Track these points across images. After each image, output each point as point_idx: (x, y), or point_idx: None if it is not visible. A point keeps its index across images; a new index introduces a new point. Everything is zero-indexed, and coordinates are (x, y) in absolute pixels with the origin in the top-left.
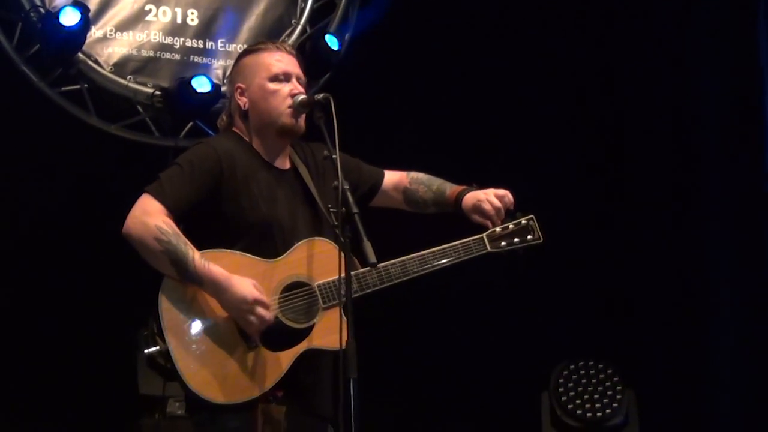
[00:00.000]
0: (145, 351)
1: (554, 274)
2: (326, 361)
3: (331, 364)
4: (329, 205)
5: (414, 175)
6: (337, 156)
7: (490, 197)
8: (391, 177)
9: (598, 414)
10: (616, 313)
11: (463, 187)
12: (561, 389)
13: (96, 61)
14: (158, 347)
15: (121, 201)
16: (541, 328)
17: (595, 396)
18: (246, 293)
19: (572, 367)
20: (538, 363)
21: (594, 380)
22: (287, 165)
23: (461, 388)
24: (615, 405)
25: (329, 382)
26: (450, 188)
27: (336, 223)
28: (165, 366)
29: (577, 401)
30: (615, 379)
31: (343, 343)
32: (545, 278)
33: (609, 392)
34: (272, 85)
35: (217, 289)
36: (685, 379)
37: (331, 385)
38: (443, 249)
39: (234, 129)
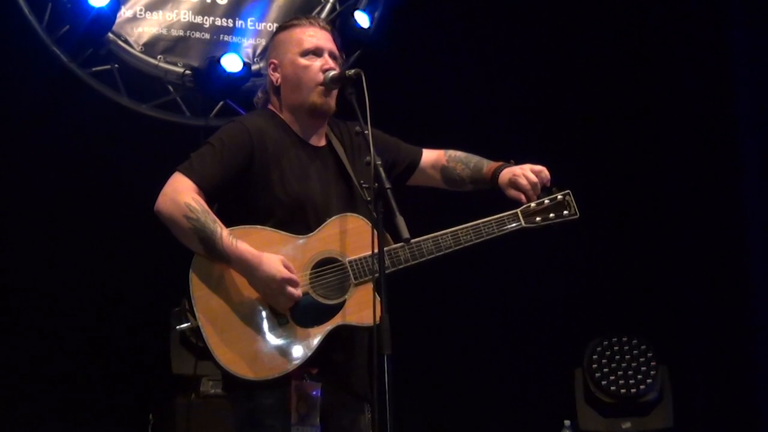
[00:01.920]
0: (177, 327)
1: (588, 249)
2: (359, 338)
3: (365, 341)
4: (362, 181)
5: (451, 153)
6: (369, 131)
7: (526, 172)
8: (429, 155)
9: (632, 390)
10: (651, 288)
11: (500, 162)
12: (595, 365)
13: (126, 41)
14: (189, 324)
15: (152, 180)
16: (575, 304)
17: (629, 372)
18: (274, 271)
19: (606, 343)
20: (572, 339)
21: (628, 356)
22: (322, 142)
23: (495, 365)
24: (649, 381)
25: (363, 359)
26: (487, 165)
27: (369, 198)
28: (196, 344)
29: (611, 377)
30: (649, 355)
31: (377, 319)
32: (579, 253)
33: (643, 368)
34: (303, 60)
35: (245, 267)
36: (720, 355)
37: (365, 363)
38: (476, 225)
39: (269, 106)
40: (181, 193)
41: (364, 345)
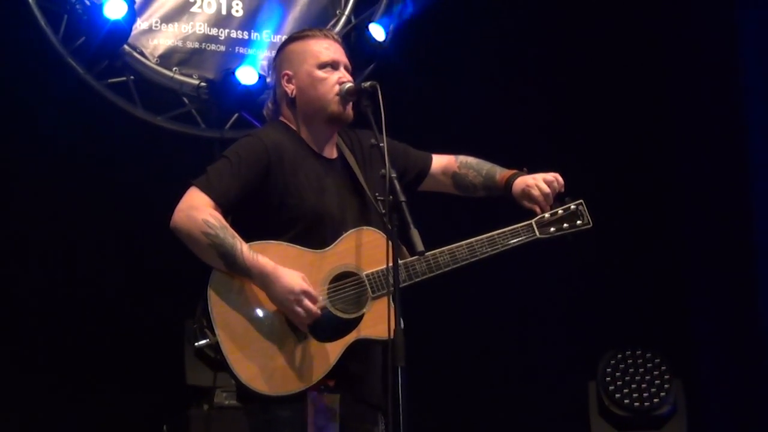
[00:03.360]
0: (195, 344)
1: (601, 260)
2: (375, 351)
3: (380, 353)
4: (377, 194)
5: (463, 159)
6: (384, 144)
7: (539, 182)
8: (440, 161)
9: (646, 403)
10: (664, 300)
11: (513, 171)
12: (608, 378)
13: (141, 53)
14: (208, 340)
15: (167, 192)
16: (588, 316)
17: (643, 385)
18: (293, 285)
19: (619, 356)
20: (585, 352)
21: (641, 369)
22: (335, 154)
23: (508, 377)
24: (663, 394)
25: (379, 370)
26: (500, 172)
27: (383, 211)
28: (214, 358)
29: (625, 390)
30: (663, 368)
31: (392, 332)
32: (591, 265)
33: (657, 381)
34: (321, 73)
35: (265, 281)
36: (736, 367)
37: (380, 373)
38: (492, 236)
39: (281, 118)
40: (197, 209)
41: (379, 357)
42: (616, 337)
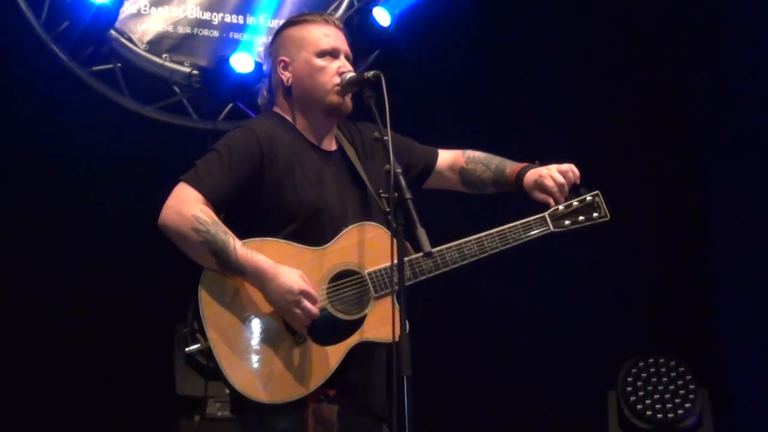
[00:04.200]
0: (186, 349)
1: (622, 263)
2: (378, 355)
3: (383, 357)
4: (380, 190)
5: (470, 153)
6: (389, 137)
7: (553, 172)
8: (446, 156)
9: (669, 415)
10: (690, 305)
11: (525, 164)
12: (629, 388)
13: (129, 39)
14: (199, 345)
15: (156, 187)
16: (609, 322)
17: (666, 396)
18: (291, 284)
19: (641, 364)
20: (605, 360)
21: (665, 379)
22: (333, 146)
23: (524, 387)
24: (687, 405)
25: (381, 376)
26: (510, 166)
27: (388, 209)
28: (206, 365)
29: (647, 401)
30: (687, 377)
31: (397, 336)
32: (613, 268)
33: (681, 392)
34: (320, 61)
35: (261, 280)
36: (766, 378)
37: (383, 380)
38: (502, 230)
39: (276, 108)
40: (187, 205)
41: (382, 361)
42: (638, 343)
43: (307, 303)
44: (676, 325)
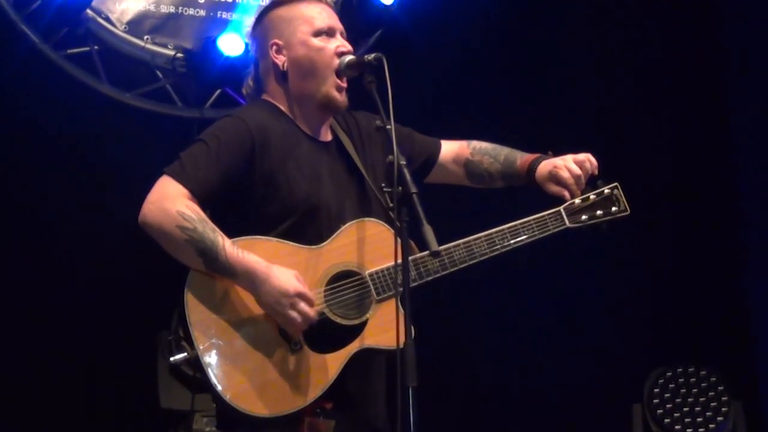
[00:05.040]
0: (171, 359)
1: (649, 265)
2: (378, 364)
3: (383, 366)
4: (383, 184)
5: (476, 144)
6: (392, 126)
7: (569, 163)
8: (450, 148)
9: (700, 429)
10: (722, 311)
11: (536, 155)
12: (656, 400)
13: (107, 19)
14: (185, 354)
15: (137, 182)
16: (634, 329)
17: (696, 408)
18: (286, 285)
19: (669, 374)
20: (630, 370)
21: (694, 390)
22: (329, 136)
23: (540, 400)
24: (719, 419)
25: (381, 387)
26: (521, 157)
27: (391, 204)
28: (193, 376)
29: (675, 414)
30: (719, 388)
31: (401, 343)
32: (638, 270)
33: (712, 404)
34: (317, 41)
35: (253, 281)
36: None
37: (383, 391)
38: (514, 226)
39: (265, 96)
40: (171, 200)
41: (382, 370)
42: (665, 352)
43: (303, 306)
44: (707, 331)
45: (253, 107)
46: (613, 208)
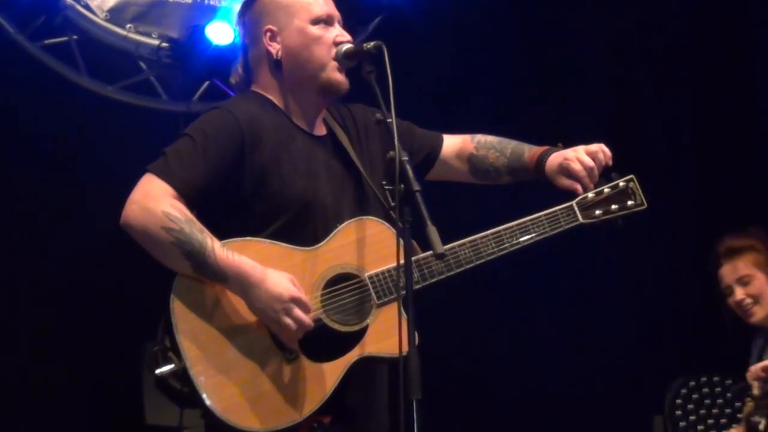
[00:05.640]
0: (157, 371)
1: (671, 265)
2: (379, 372)
3: (386, 376)
4: (384, 182)
5: (480, 138)
6: (393, 119)
7: (580, 155)
8: (453, 142)
9: None
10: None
11: (545, 147)
12: (679, 412)
13: (87, 7)
14: (172, 365)
15: (119, 182)
16: (654, 335)
17: (722, 421)
18: (281, 290)
19: (692, 383)
20: (650, 378)
21: (720, 400)
22: (323, 130)
23: (555, 410)
24: None
25: (384, 399)
26: (528, 150)
27: (393, 203)
28: (181, 389)
29: (699, 427)
30: (748, 399)
31: (404, 351)
32: (658, 270)
33: (739, 415)
34: (315, 30)
35: (245, 286)
36: None
37: (385, 404)
38: (523, 223)
39: (254, 87)
40: (155, 200)
41: (384, 380)
42: (688, 359)
43: (298, 312)
44: (734, 336)
45: (242, 99)
46: (629, 202)
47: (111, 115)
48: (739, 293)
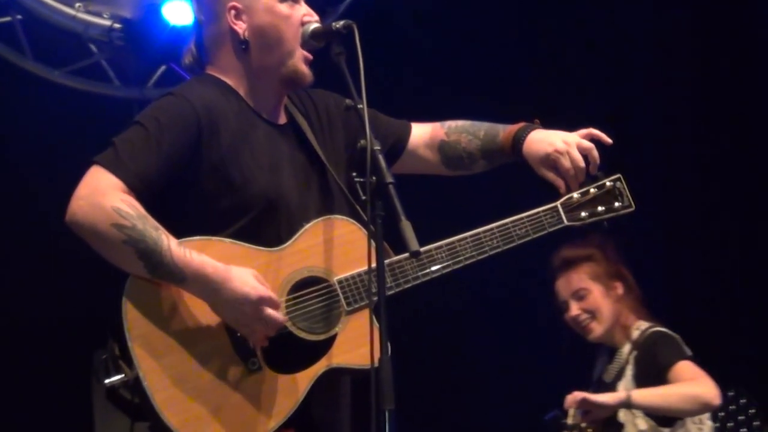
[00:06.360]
0: (106, 381)
1: (668, 272)
2: (344, 383)
3: (348, 386)
4: (354, 173)
5: (451, 123)
6: (364, 105)
7: (573, 151)
8: (422, 131)
9: None
10: (753, 324)
11: (521, 124)
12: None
13: None
14: (122, 375)
15: (67, 174)
16: None
17: None
18: (248, 289)
19: None
20: None
21: (721, 414)
22: (284, 119)
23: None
24: None
25: (347, 411)
26: (503, 130)
27: (363, 197)
28: (131, 401)
29: None
30: (751, 412)
31: (375, 360)
32: (655, 278)
33: (742, 430)
34: (284, 8)
35: (207, 287)
36: None
37: (348, 416)
38: (504, 226)
39: (210, 70)
40: (104, 195)
41: (347, 391)
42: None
43: (269, 311)
44: (736, 346)
45: (197, 84)
46: (616, 204)
47: (58, 102)
48: (575, 308)
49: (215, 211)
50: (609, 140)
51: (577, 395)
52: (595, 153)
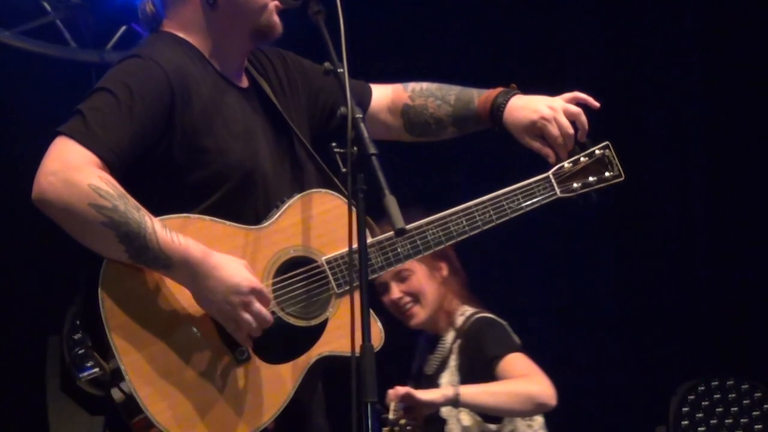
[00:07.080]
0: (81, 376)
1: (676, 260)
2: (318, 375)
3: (320, 374)
4: (333, 144)
5: (415, 86)
6: (345, 69)
7: (560, 117)
8: (382, 93)
9: None
10: (763, 312)
11: (499, 89)
12: (685, 422)
13: None
14: (97, 369)
15: (22, 145)
16: (659, 334)
17: (736, 430)
18: (239, 279)
19: (701, 388)
20: (653, 384)
21: (735, 408)
22: (246, 82)
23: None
24: None
25: (321, 400)
26: (478, 95)
27: (344, 169)
28: (107, 397)
29: None
30: (766, 406)
31: (357, 348)
32: (663, 266)
33: (758, 426)
34: None
35: (194, 274)
36: None
37: (323, 406)
38: (496, 198)
39: (167, 27)
40: (78, 171)
41: (319, 380)
42: (697, 362)
43: (258, 306)
44: (749, 336)
45: (160, 43)
46: (606, 173)
47: (9, 64)
48: (396, 291)
49: (187, 185)
50: (596, 104)
51: (400, 390)
52: (584, 118)
